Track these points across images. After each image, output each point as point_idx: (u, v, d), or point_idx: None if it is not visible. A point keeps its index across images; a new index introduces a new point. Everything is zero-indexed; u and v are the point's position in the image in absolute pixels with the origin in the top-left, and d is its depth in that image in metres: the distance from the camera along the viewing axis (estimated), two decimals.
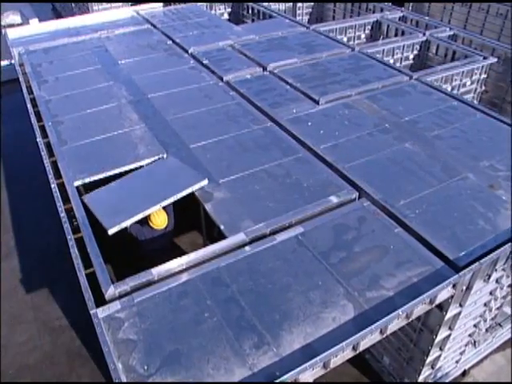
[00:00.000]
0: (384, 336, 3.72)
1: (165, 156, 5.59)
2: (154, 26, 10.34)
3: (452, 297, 4.13)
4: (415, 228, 4.48)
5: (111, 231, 4.40)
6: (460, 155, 5.64)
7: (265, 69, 7.93)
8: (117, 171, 5.33)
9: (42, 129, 6.36)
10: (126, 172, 5.37)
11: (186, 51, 8.82)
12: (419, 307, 3.85)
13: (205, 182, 4.98)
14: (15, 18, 17.81)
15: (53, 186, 5.01)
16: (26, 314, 6.70)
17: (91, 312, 3.61)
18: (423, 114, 6.55)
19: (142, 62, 8.42)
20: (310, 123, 6.32)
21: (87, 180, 5.18)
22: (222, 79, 7.60)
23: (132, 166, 5.42)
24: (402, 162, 5.51)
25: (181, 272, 4.05)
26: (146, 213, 4.71)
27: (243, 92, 7.13)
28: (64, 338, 6.32)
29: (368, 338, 3.59)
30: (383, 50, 9.25)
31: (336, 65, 8.12)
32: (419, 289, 3.87)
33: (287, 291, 3.86)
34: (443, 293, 3.97)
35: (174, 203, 5.00)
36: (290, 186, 5.10)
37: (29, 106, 6.78)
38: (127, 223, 4.55)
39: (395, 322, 3.72)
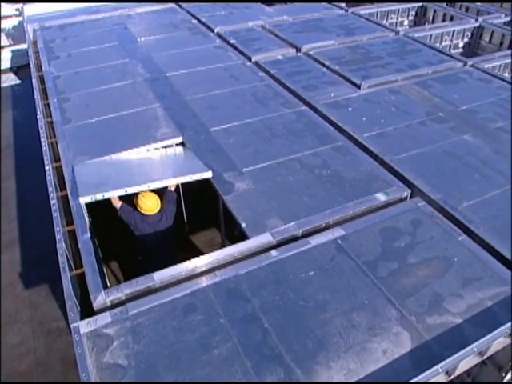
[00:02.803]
0: (451, 378, 2.83)
1: (180, 139, 4.81)
2: (179, 6, 9.61)
3: None
4: (484, 236, 3.61)
5: (82, 200, 3.92)
6: None
7: (298, 50, 7.09)
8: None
9: (49, 108, 5.67)
10: None
11: (212, 30, 8.05)
12: (496, 341, 2.95)
13: (208, 174, 4.22)
14: None
15: (47, 167, 4.26)
16: (21, 312, 6.03)
17: (71, 326, 2.83)
18: (483, 103, 5.65)
19: (163, 40, 7.67)
20: (350, 109, 5.44)
21: (87, 163, 4.43)
22: (250, 59, 6.80)
23: (141, 149, 4.65)
24: (461, 157, 4.61)
25: (189, 279, 3.24)
26: (129, 190, 4.06)
27: (274, 73, 6.30)
28: (60, 342, 5.61)
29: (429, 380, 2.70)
30: (430, 36, 8.29)
31: (378, 48, 7.21)
32: (495, 316, 3.00)
33: (323, 311, 3.01)
34: None
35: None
36: (327, 179, 4.24)
37: (34, 81, 6.09)
38: (103, 195, 4.01)
39: (465, 361, 2.82)
